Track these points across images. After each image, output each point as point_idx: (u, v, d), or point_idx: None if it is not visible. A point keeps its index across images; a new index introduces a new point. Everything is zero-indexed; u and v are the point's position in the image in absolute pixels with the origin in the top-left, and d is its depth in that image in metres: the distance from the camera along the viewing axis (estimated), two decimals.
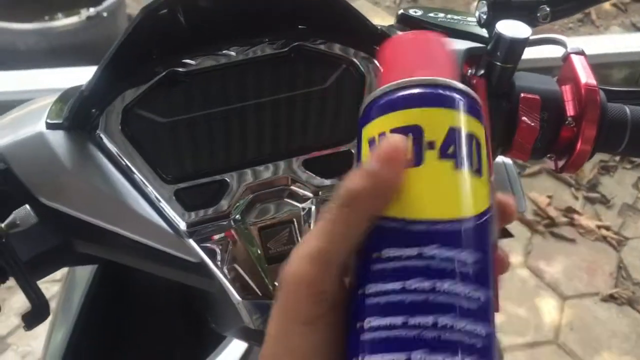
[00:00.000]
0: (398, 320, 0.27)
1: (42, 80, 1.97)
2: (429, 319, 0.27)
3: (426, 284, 0.27)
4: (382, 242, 0.29)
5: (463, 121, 0.30)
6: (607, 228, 2.09)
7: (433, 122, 0.30)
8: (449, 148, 0.29)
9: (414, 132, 0.29)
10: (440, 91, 0.30)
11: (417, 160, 0.29)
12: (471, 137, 0.30)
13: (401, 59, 0.33)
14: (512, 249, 2.01)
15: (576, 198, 2.21)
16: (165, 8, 0.47)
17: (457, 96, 0.30)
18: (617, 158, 2.33)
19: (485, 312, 0.28)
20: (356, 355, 0.28)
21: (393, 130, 0.30)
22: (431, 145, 0.29)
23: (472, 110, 0.31)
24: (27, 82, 1.97)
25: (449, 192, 0.29)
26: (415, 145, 0.29)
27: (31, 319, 0.42)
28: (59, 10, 2.78)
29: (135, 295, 0.87)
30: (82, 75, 0.49)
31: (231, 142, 0.51)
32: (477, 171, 0.30)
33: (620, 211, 2.18)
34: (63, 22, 2.56)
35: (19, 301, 1.77)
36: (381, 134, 0.30)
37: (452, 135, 0.29)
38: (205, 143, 0.51)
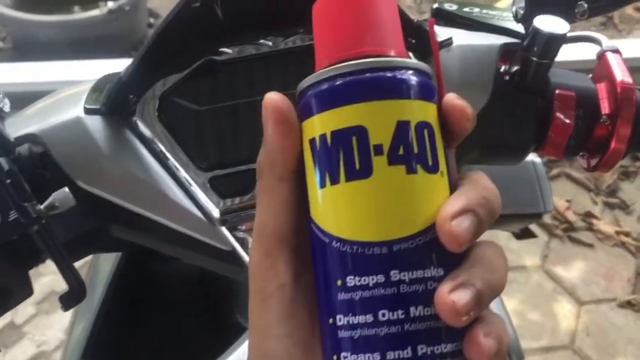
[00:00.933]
0: (375, 356, 0.25)
1: (62, 72, 1.98)
2: (407, 352, 0.24)
3: (399, 313, 0.25)
4: (342, 269, 0.26)
5: (412, 110, 0.26)
6: (626, 234, 2.07)
7: (378, 119, 0.26)
8: (398, 149, 0.26)
9: (358, 135, 0.26)
10: (383, 78, 0.26)
11: (366, 170, 0.26)
12: (422, 127, 0.26)
13: (334, 28, 0.28)
14: (530, 253, 2.00)
15: (595, 203, 2.19)
16: None
17: (403, 79, 0.26)
18: (638, 164, 2.30)
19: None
20: None
21: (334, 133, 0.26)
22: (378, 149, 0.26)
23: (423, 90, 0.27)
24: (47, 73, 1.99)
25: (407, 205, 0.25)
26: (360, 153, 0.26)
27: (68, 300, 0.43)
28: (78, 3, 2.80)
29: (156, 288, 0.88)
30: (102, 68, 0.49)
31: None
32: (433, 167, 0.26)
33: None
34: (85, 15, 2.59)
35: (35, 290, 1.78)
36: (322, 135, 0.27)
37: (401, 131, 0.26)
38: (240, 131, 0.51)
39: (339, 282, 0.26)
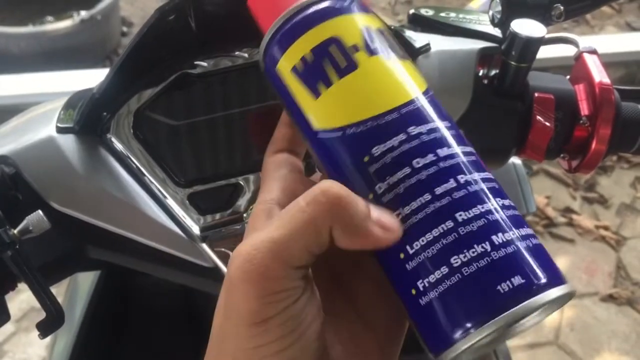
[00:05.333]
0: (426, 197, 0.28)
1: (36, 84, 1.96)
2: (451, 183, 0.28)
3: (430, 156, 0.29)
4: (365, 146, 0.30)
5: (369, 20, 0.33)
6: (606, 228, 2.09)
7: (347, 28, 0.31)
8: (371, 45, 0.31)
9: (335, 43, 0.31)
10: None
11: (352, 65, 0.31)
12: (381, 31, 0.32)
13: None
14: None
15: (574, 198, 2.21)
16: (178, 10, 0.46)
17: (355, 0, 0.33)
18: (615, 158, 2.33)
19: (478, 159, 0.31)
20: (401, 249, 0.28)
21: (314, 49, 0.31)
22: (355, 48, 0.31)
23: (367, 9, 0.33)
24: (20, 86, 1.96)
25: (400, 79, 0.31)
26: (342, 54, 0.31)
27: (46, 327, 0.41)
28: (50, 13, 2.77)
29: (138, 303, 0.87)
30: (75, 79, 0.48)
31: (245, 144, 0.51)
32: (403, 56, 0.32)
33: (618, 211, 2.18)
34: (57, 25, 2.56)
35: (13, 308, 1.75)
36: (303, 57, 0.31)
37: (368, 33, 0.32)
38: (218, 146, 0.50)
39: (366, 159, 0.29)
